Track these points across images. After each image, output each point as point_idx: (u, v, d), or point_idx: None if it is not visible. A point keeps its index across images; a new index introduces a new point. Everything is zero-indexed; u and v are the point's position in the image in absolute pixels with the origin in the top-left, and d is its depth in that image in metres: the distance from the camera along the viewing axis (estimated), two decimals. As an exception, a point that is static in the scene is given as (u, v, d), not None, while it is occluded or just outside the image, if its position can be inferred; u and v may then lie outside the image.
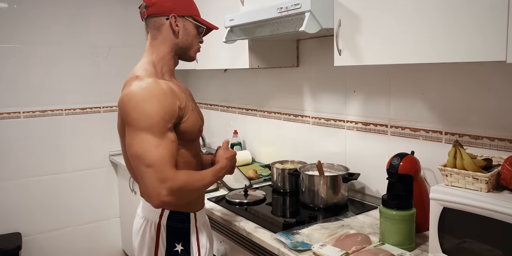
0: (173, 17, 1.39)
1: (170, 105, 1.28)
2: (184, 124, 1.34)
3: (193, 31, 1.44)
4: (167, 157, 1.23)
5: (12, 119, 2.78)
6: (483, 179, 1.18)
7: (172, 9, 1.39)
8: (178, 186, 1.24)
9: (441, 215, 1.23)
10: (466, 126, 1.54)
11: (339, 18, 1.48)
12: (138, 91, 1.26)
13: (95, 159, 3.12)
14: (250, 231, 1.61)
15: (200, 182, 1.34)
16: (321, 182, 1.82)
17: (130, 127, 1.26)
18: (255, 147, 2.74)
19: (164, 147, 1.24)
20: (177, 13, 1.39)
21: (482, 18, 1.08)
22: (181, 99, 1.34)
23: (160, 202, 1.23)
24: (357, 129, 1.97)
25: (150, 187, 1.23)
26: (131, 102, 1.25)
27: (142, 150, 1.22)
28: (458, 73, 1.54)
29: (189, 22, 1.43)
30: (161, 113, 1.25)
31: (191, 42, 1.45)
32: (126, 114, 1.26)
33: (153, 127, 1.23)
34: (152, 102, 1.25)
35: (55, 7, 2.84)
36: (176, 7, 1.39)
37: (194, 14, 1.44)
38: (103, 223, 3.21)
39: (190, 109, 1.37)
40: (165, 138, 1.25)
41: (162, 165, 1.22)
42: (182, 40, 1.42)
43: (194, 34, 1.45)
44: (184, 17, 1.41)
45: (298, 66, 2.28)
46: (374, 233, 1.50)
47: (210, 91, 3.18)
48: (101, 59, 3.05)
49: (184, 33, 1.42)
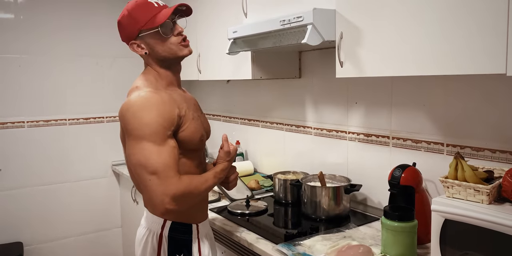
0: (132, 45, 1.38)
1: (169, 112, 1.28)
2: (183, 133, 1.34)
3: (155, 39, 1.35)
4: (169, 163, 1.24)
5: (16, 129, 2.80)
6: (485, 191, 1.18)
7: (128, 38, 1.38)
8: (182, 192, 1.24)
9: (443, 227, 1.23)
10: (467, 138, 1.54)
11: (341, 31, 1.50)
12: (136, 101, 1.27)
13: (98, 168, 3.12)
14: (252, 242, 1.60)
15: (203, 185, 1.33)
16: (323, 193, 1.82)
17: (130, 136, 1.26)
18: (257, 158, 2.75)
19: (166, 153, 1.24)
20: (132, 38, 1.37)
21: (483, 30, 1.09)
22: (181, 107, 1.34)
23: (165, 209, 1.24)
24: (359, 140, 1.98)
25: (154, 195, 1.23)
26: (129, 112, 1.26)
27: (145, 158, 1.23)
28: (459, 85, 1.55)
29: (145, 36, 1.35)
30: (159, 121, 1.25)
31: (164, 49, 1.36)
32: (126, 123, 1.27)
33: (153, 135, 1.23)
34: (150, 110, 1.25)
35: (60, 18, 2.88)
36: (127, 34, 1.37)
37: (142, 26, 1.33)
38: (105, 233, 3.20)
39: (190, 118, 1.37)
40: (166, 145, 1.25)
41: (165, 172, 1.22)
42: (156, 54, 1.37)
43: (158, 40, 1.35)
44: (139, 35, 1.35)
45: (300, 78, 2.30)
46: (376, 245, 1.49)
47: (212, 102, 3.19)
48: (105, 69, 3.08)
49: (152, 48, 1.37)
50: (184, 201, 1.26)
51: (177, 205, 1.24)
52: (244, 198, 2.09)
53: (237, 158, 2.74)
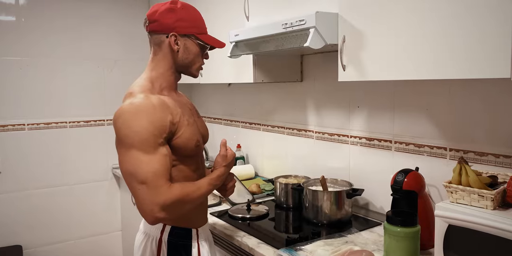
0: (173, 36, 1.35)
1: (160, 119, 1.26)
2: (178, 140, 1.32)
3: (194, 49, 1.39)
4: (159, 172, 1.22)
5: (17, 131, 2.79)
6: (489, 196, 1.17)
7: (173, 28, 1.35)
8: (172, 201, 1.22)
9: (446, 233, 1.21)
10: (471, 143, 1.53)
11: (344, 34, 1.49)
12: (127, 108, 1.26)
13: (98, 171, 3.12)
14: (253, 246, 1.59)
15: (195, 192, 1.30)
16: (324, 198, 1.81)
17: (121, 144, 1.25)
18: (258, 161, 2.74)
19: (156, 162, 1.22)
20: (178, 32, 1.35)
21: (487, 35, 1.08)
22: (175, 114, 1.32)
23: (154, 219, 1.22)
24: (361, 144, 1.97)
25: (143, 204, 1.21)
26: (120, 119, 1.25)
27: (134, 167, 1.21)
28: (463, 89, 1.54)
29: (191, 41, 1.38)
30: (150, 129, 1.23)
31: (191, 61, 1.41)
32: (117, 131, 1.26)
33: (143, 143, 1.22)
34: (140, 118, 1.23)
35: (61, 20, 2.88)
36: (177, 26, 1.35)
37: (197, 32, 1.39)
38: (105, 236, 3.19)
39: (185, 124, 1.34)
40: (157, 153, 1.23)
41: (154, 181, 1.20)
42: (182, 58, 1.39)
43: (196, 52, 1.40)
44: (186, 35, 1.37)
45: (302, 81, 2.29)
46: (378, 250, 1.48)
47: (214, 105, 3.19)
48: (107, 72, 3.07)
49: (185, 52, 1.38)
50: (174, 209, 1.24)
51: (167, 214, 1.22)
52: (245, 202, 2.08)
53: (238, 161, 2.73)
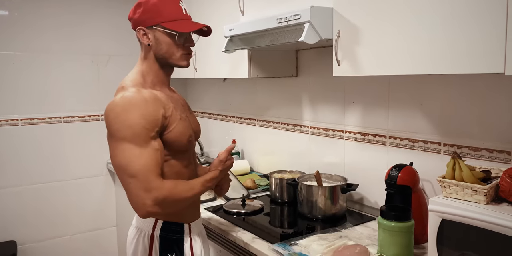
0: (140, 30, 1.35)
1: (152, 113, 1.26)
2: (169, 134, 1.32)
3: (165, 39, 1.35)
4: (151, 166, 1.22)
5: (10, 127, 2.77)
6: (482, 191, 1.18)
7: (139, 22, 1.34)
8: (164, 196, 1.22)
9: (440, 227, 1.22)
10: (465, 138, 1.54)
11: (338, 29, 1.49)
12: (119, 101, 1.25)
13: (93, 167, 3.11)
14: (248, 241, 1.59)
15: (187, 192, 1.30)
16: (319, 193, 1.81)
17: (112, 138, 1.25)
18: (254, 157, 2.74)
19: (147, 156, 1.22)
20: (144, 25, 1.34)
21: (481, 29, 1.08)
22: (167, 108, 1.32)
23: (146, 213, 1.22)
24: (355, 139, 1.97)
25: (134, 198, 1.21)
26: (112, 113, 1.25)
27: (125, 160, 1.21)
28: (457, 84, 1.54)
29: (159, 32, 1.34)
30: (142, 122, 1.23)
31: (166, 51, 1.36)
32: (108, 125, 1.26)
33: (135, 137, 1.21)
34: (132, 112, 1.23)
35: (55, 15, 2.85)
36: (144, 19, 1.34)
37: (163, 21, 1.33)
38: (100, 232, 3.19)
39: (177, 119, 1.34)
40: (148, 147, 1.23)
41: (145, 175, 1.20)
42: (157, 50, 1.36)
43: (168, 41, 1.35)
44: (153, 27, 1.34)
45: (297, 76, 2.28)
46: (372, 245, 1.49)
47: (209, 100, 3.18)
48: (101, 67, 3.05)
49: (157, 44, 1.35)
50: (166, 205, 1.24)
51: (160, 209, 1.22)
52: (240, 197, 2.08)
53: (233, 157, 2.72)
